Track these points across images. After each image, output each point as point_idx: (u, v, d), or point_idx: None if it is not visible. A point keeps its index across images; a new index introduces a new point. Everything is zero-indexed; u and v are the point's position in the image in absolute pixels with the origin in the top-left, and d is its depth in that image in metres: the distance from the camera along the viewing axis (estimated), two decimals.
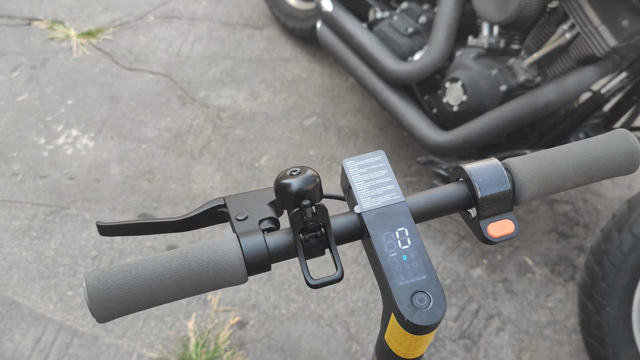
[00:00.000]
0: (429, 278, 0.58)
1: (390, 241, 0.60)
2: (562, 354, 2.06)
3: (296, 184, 0.59)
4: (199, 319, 2.04)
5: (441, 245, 2.33)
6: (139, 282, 0.56)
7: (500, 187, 0.65)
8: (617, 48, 1.77)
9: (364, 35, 2.38)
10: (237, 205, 0.68)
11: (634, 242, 1.72)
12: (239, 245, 0.59)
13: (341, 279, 0.61)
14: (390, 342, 0.62)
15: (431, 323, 0.56)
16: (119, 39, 3.17)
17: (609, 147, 0.69)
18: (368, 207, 0.62)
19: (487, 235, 0.65)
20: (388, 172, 0.65)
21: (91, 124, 2.68)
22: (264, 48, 3.21)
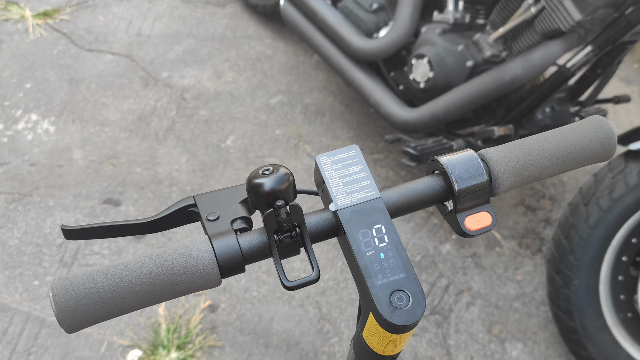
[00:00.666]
0: (407, 276, 0.57)
1: (367, 239, 0.58)
2: (531, 325, 2.08)
3: (269, 183, 0.57)
4: (169, 305, 2.02)
5: (410, 222, 2.33)
6: (109, 291, 0.54)
7: (477, 179, 0.63)
8: (582, 22, 1.78)
9: (329, 12, 2.34)
10: (207, 205, 0.65)
11: (601, 215, 1.74)
12: (211, 248, 0.57)
13: (318, 279, 0.59)
14: (369, 339, 0.61)
15: (411, 323, 0.55)
16: (76, 19, 3.08)
17: (585, 135, 0.68)
18: (343, 205, 0.60)
19: (464, 229, 0.64)
20: (363, 167, 0.63)
21: (51, 107, 2.61)
22: (226, 26, 3.15)
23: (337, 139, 2.60)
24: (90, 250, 2.12)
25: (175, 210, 0.68)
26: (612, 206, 1.73)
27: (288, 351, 1.94)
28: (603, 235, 1.76)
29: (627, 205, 1.72)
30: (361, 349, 0.64)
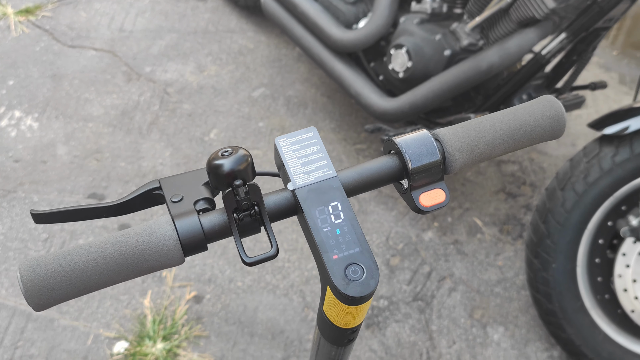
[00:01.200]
0: (361, 250, 0.59)
1: (324, 216, 0.61)
2: (512, 310, 2.12)
3: (228, 164, 0.59)
4: (154, 296, 2.04)
5: (393, 211, 2.36)
6: (74, 269, 0.56)
7: (431, 158, 0.66)
8: (555, 9, 1.80)
9: (308, 4, 2.36)
10: (172, 187, 0.67)
11: (577, 200, 1.77)
12: (174, 227, 0.59)
13: (276, 255, 0.61)
14: (329, 313, 0.63)
15: (365, 294, 0.57)
16: (58, 16, 3.09)
17: (535, 114, 0.70)
18: (301, 184, 0.63)
19: (419, 206, 0.67)
20: (320, 148, 0.65)
21: (34, 104, 2.62)
22: (208, 20, 3.16)
23: (320, 130, 2.63)
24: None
25: (141, 193, 0.70)
26: (587, 190, 1.76)
27: (273, 339, 1.96)
28: (579, 219, 1.79)
29: (602, 189, 1.75)
30: (323, 323, 0.67)
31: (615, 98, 3.00)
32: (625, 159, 1.72)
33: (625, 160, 1.72)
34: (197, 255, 2.14)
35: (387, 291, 2.12)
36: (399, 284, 2.14)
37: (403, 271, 2.18)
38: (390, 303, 2.09)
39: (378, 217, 2.33)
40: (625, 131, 1.70)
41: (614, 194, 1.76)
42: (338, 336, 0.68)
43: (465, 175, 2.53)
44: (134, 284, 2.06)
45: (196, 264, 2.13)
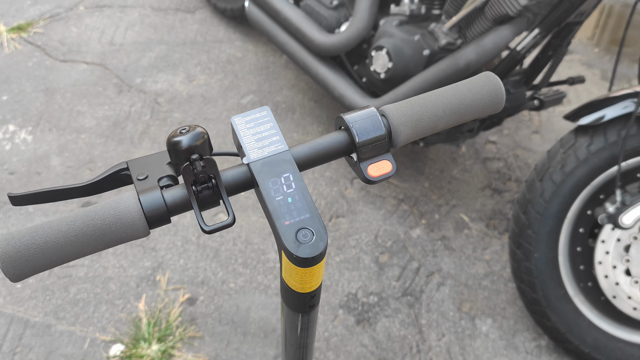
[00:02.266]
0: (311, 216, 0.64)
1: (277, 186, 0.65)
2: (499, 302, 2.16)
3: (185, 140, 0.64)
4: (149, 300, 2.08)
5: (381, 210, 2.41)
6: (46, 242, 0.61)
7: (376, 132, 0.71)
8: (528, 6, 1.86)
9: (291, 11, 2.42)
10: (138, 168, 0.72)
11: (555, 189, 1.82)
12: (138, 201, 0.64)
13: (233, 223, 0.66)
14: (287, 279, 0.68)
15: (315, 255, 0.61)
16: (50, 32, 3.15)
17: (475, 89, 0.75)
18: (255, 158, 0.67)
19: (367, 176, 0.71)
20: (273, 125, 0.70)
21: (28, 118, 2.67)
22: (197, 31, 3.23)
23: (307, 134, 2.68)
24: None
25: (111, 173, 0.74)
26: (564, 180, 1.81)
27: (265, 338, 2.01)
28: (558, 208, 1.84)
29: (579, 178, 1.80)
30: (284, 291, 0.72)
31: (597, 93, 3.05)
32: (600, 148, 1.76)
33: (600, 149, 1.77)
34: (190, 258, 2.19)
35: (376, 287, 2.16)
36: (388, 280, 2.19)
37: (392, 268, 2.23)
38: (380, 299, 2.14)
39: (366, 216, 2.38)
40: (600, 121, 1.75)
41: (591, 183, 1.81)
42: (299, 302, 0.72)
43: (451, 173, 2.58)
44: (129, 289, 2.10)
45: (189, 267, 2.18)
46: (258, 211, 2.37)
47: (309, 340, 0.84)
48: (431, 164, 2.62)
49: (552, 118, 2.89)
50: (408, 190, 2.50)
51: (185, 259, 2.20)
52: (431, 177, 2.57)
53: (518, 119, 2.88)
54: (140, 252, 2.21)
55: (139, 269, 2.16)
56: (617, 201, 1.74)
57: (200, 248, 2.23)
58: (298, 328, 0.79)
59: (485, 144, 2.74)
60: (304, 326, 0.79)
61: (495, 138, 2.77)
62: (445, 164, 2.63)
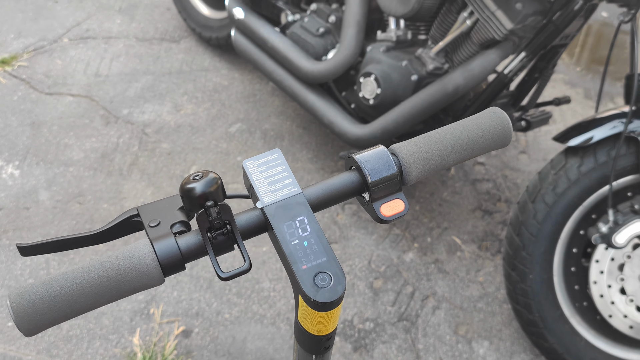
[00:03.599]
0: (328, 259, 0.64)
1: (292, 230, 0.65)
2: (495, 323, 2.16)
3: (199, 187, 0.64)
4: (143, 334, 2.06)
5: (373, 235, 2.41)
6: (61, 294, 0.60)
7: (388, 171, 0.71)
8: (513, 30, 1.88)
9: (277, 39, 2.44)
10: (149, 214, 0.72)
11: (548, 211, 1.83)
12: (152, 249, 0.63)
13: (249, 269, 0.66)
14: (303, 322, 0.68)
15: (334, 299, 0.61)
16: (34, 65, 3.14)
17: (483, 125, 0.76)
18: (269, 202, 0.67)
19: (380, 216, 0.71)
20: (285, 167, 0.70)
21: (15, 152, 2.65)
22: (182, 60, 3.23)
23: (297, 161, 2.68)
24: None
25: (121, 221, 0.74)
26: (557, 201, 1.82)
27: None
28: (551, 229, 1.85)
29: (571, 199, 1.81)
30: (300, 333, 0.71)
31: (582, 112, 3.09)
32: (591, 169, 1.78)
33: (590, 170, 1.78)
34: (183, 290, 2.17)
35: (372, 313, 2.16)
36: (384, 306, 2.18)
37: (387, 293, 2.22)
38: (376, 325, 2.13)
39: (359, 242, 2.38)
40: (589, 142, 1.77)
41: (583, 203, 1.83)
42: (314, 344, 0.72)
43: (441, 195, 2.59)
44: (122, 323, 2.08)
45: (183, 299, 2.16)
46: (251, 241, 2.36)
47: None
48: (421, 187, 2.63)
49: (538, 138, 2.92)
50: None
51: (178, 290, 2.18)
52: (422, 200, 2.58)
53: None
54: None
55: (133, 302, 2.14)
56: (609, 221, 1.75)
57: (194, 279, 2.22)
58: None
59: (473, 165, 2.76)
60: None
61: (483, 159, 2.79)
62: (435, 186, 2.64)
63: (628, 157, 1.75)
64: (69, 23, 3.44)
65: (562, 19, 1.83)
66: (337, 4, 2.45)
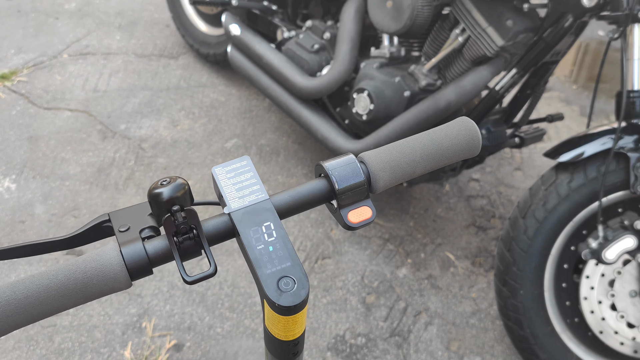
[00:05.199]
0: (292, 264, 0.64)
1: (258, 235, 0.66)
2: (488, 340, 2.16)
3: (166, 192, 0.65)
4: (135, 347, 2.06)
5: (366, 250, 2.41)
6: (27, 297, 0.61)
7: (356, 179, 0.72)
8: (505, 47, 1.90)
9: (273, 55, 2.46)
10: (120, 219, 0.72)
11: (538, 226, 1.84)
12: (119, 253, 0.64)
13: (215, 273, 0.66)
14: (270, 327, 0.68)
15: (297, 303, 0.62)
16: (34, 80, 3.17)
17: (451, 134, 0.77)
18: (236, 207, 0.68)
19: (348, 222, 0.72)
20: (253, 174, 0.71)
21: (12, 166, 2.67)
22: (180, 76, 3.25)
23: (292, 177, 2.69)
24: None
25: (92, 226, 0.74)
26: (547, 217, 1.83)
27: None
28: (542, 245, 1.85)
29: (561, 215, 1.82)
30: (268, 339, 0.72)
31: (577, 130, 3.10)
32: (581, 184, 1.79)
33: (580, 186, 1.79)
34: (176, 304, 2.17)
35: (364, 328, 2.15)
36: (376, 321, 2.18)
37: (379, 308, 2.22)
38: (367, 340, 2.13)
39: (352, 257, 2.38)
40: (580, 157, 1.78)
41: (574, 219, 1.83)
42: (282, 350, 0.72)
43: (435, 212, 2.60)
44: (114, 337, 2.08)
45: (175, 312, 2.16)
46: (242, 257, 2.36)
47: None
48: (415, 203, 2.64)
49: (533, 155, 2.93)
50: (393, 230, 2.51)
51: (171, 304, 2.18)
52: (416, 216, 2.58)
53: (500, 156, 2.91)
54: (126, 298, 2.19)
55: (125, 316, 2.14)
56: (599, 237, 1.76)
57: (187, 293, 2.22)
58: None
59: (468, 182, 2.76)
60: None
61: (478, 176, 2.80)
62: (429, 202, 2.65)
63: (618, 173, 1.76)
64: (69, 39, 3.48)
65: (552, 35, 1.84)
66: (332, 21, 2.47)
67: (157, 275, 2.26)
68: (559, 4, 1.80)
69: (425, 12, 1.98)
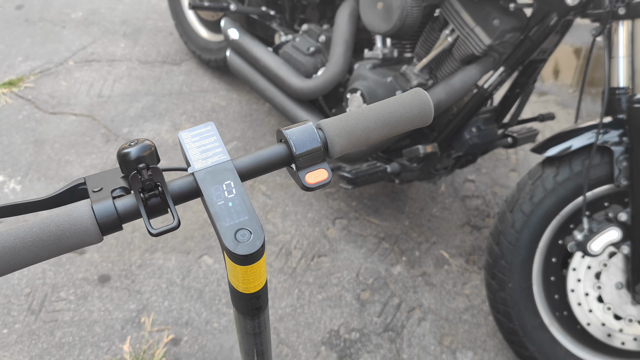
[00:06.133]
0: (249, 218, 0.69)
1: (219, 192, 0.71)
2: (480, 335, 2.19)
3: (134, 151, 0.70)
4: (133, 341, 2.11)
5: (362, 248, 2.45)
6: (4, 247, 0.66)
7: (313, 144, 0.77)
8: (492, 45, 1.95)
9: (270, 58, 2.52)
10: (95, 182, 0.78)
11: (525, 220, 1.88)
12: (91, 209, 0.69)
13: (178, 226, 0.71)
14: (232, 280, 0.73)
15: (252, 252, 0.67)
16: (40, 86, 3.25)
17: (405, 103, 0.82)
18: (199, 168, 0.73)
19: (305, 184, 0.77)
20: (217, 138, 0.76)
21: (17, 168, 2.74)
22: (182, 82, 3.32)
23: (290, 178, 2.75)
24: (57, 297, 2.22)
25: (69, 188, 0.80)
26: (534, 210, 1.86)
27: None
28: (529, 239, 1.89)
29: (548, 208, 1.86)
30: (232, 295, 0.77)
31: None
32: (566, 178, 1.83)
33: (566, 180, 1.83)
34: (174, 300, 2.22)
35: (358, 324, 2.19)
36: (370, 317, 2.22)
37: (373, 304, 2.26)
38: (361, 335, 2.17)
39: (348, 255, 2.43)
40: (567, 151, 1.82)
41: (560, 213, 1.87)
42: (245, 304, 0.77)
43: (431, 211, 2.64)
44: (114, 331, 2.13)
45: (173, 308, 2.21)
46: None
47: (263, 348, 0.88)
48: (411, 203, 2.68)
49: (528, 156, 2.97)
50: (389, 229, 2.55)
51: (169, 300, 2.23)
52: (411, 216, 2.62)
53: (495, 158, 2.95)
54: (126, 295, 2.24)
55: (124, 311, 2.19)
56: (584, 229, 1.79)
57: (185, 290, 2.27)
58: (251, 333, 0.84)
59: (464, 182, 2.81)
60: (256, 331, 0.84)
61: (473, 177, 2.84)
62: (425, 202, 2.69)
63: (603, 167, 1.80)
64: (74, 47, 3.56)
65: (538, 34, 1.89)
66: (328, 24, 2.53)
67: (157, 272, 2.31)
68: (544, 3, 1.85)
69: (415, 12, 2.03)
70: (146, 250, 2.41)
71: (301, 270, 2.37)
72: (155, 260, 2.37)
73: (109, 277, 2.30)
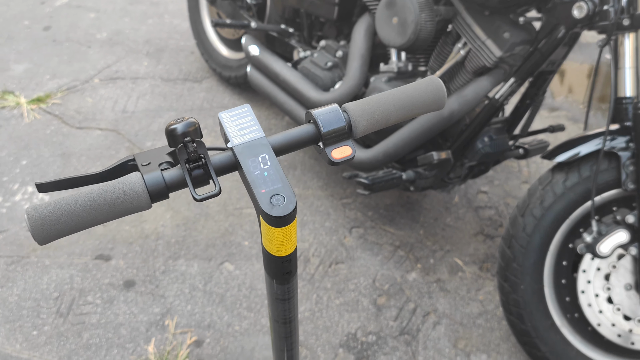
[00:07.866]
0: (283, 186, 0.78)
1: (255, 164, 0.80)
2: (494, 338, 2.25)
3: (180, 127, 0.79)
4: (158, 343, 2.19)
5: (378, 256, 2.53)
6: (67, 209, 0.75)
7: (338, 124, 0.86)
8: (503, 57, 2.04)
9: (289, 73, 2.62)
10: (143, 158, 0.87)
11: (536, 223, 1.95)
12: (142, 178, 0.78)
13: (219, 193, 0.80)
14: (266, 243, 0.82)
15: (286, 214, 0.75)
16: (67, 102, 3.37)
17: (420, 90, 0.91)
18: (238, 143, 0.82)
19: (331, 159, 0.86)
20: (252, 118, 0.86)
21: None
22: (203, 98, 3.44)
23: (308, 189, 2.84)
24: (85, 300, 2.31)
25: (120, 164, 0.89)
26: (544, 214, 1.94)
27: None
28: (540, 242, 1.96)
29: (558, 212, 1.93)
30: (265, 259, 0.85)
31: None
32: (575, 183, 1.90)
33: (575, 184, 1.90)
34: (197, 304, 2.31)
35: (375, 327, 2.26)
36: (386, 321, 2.29)
37: (389, 309, 2.33)
38: (378, 338, 2.23)
39: (364, 262, 2.50)
40: (576, 157, 1.90)
41: (570, 217, 1.94)
42: (277, 268, 0.85)
43: (445, 221, 2.72)
44: (139, 333, 2.21)
45: (196, 312, 2.29)
46: (261, 259, 2.49)
47: (292, 315, 0.97)
48: (425, 213, 2.76)
49: (540, 169, 3.04)
50: (404, 238, 2.63)
51: (192, 304, 2.32)
52: (426, 225, 2.70)
53: (508, 170, 3.03)
54: (150, 299, 2.33)
55: (149, 314, 2.28)
56: (593, 231, 1.86)
57: (207, 294, 2.35)
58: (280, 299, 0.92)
59: (477, 193, 2.88)
60: (285, 297, 0.92)
61: (486, 188, 2.91)
62: (439, 212, 2.77)
63: (610, 172, 1.87)
64: (100, 65, 3.69)
65: (547, 46, 1.98)
66: (344, 40, 2.63)
67: (180, 278, 2.40)
68: (552, 17, 1.94)
69: (428, 27, 2.13)
70: (169, 257, 2.50)
71: (319, 277, 2.45)
72: (179, 267, 2.46)
73: (134, 282, 2.39)
